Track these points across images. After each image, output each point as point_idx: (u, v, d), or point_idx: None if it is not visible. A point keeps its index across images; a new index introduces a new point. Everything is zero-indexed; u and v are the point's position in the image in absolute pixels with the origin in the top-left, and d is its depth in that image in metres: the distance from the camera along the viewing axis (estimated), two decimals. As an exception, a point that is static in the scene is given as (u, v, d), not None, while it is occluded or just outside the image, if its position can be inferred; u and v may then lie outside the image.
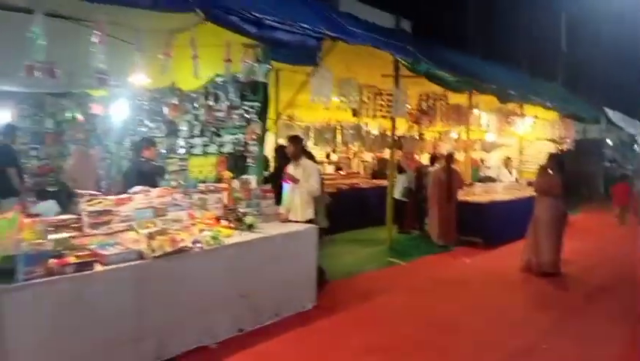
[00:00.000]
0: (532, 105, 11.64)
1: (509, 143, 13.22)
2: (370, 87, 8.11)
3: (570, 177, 15.85)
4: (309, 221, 5.85)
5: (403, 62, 6.81)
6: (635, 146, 23.57)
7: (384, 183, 10.25)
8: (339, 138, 10.39)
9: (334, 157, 14.38)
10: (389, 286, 6.59)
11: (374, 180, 12.10)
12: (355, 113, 9.95)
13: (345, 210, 10.14)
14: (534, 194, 7.66)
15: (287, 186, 6.01)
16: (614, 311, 5.79)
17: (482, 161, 15.70)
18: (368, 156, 14.44)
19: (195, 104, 7.13)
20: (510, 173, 12.79)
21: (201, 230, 4.77)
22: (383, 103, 8.24)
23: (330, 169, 14.62)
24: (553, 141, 13.72)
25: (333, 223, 9.73)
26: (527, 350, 4.68)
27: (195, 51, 4.84)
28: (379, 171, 12.76)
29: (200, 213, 5.38)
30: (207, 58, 5.68)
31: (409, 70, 6.95)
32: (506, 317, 5.61)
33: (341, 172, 12.68)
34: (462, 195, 9.73)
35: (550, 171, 7.23)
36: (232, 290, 4.68)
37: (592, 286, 6.73)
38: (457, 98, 9.90)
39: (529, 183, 8.38)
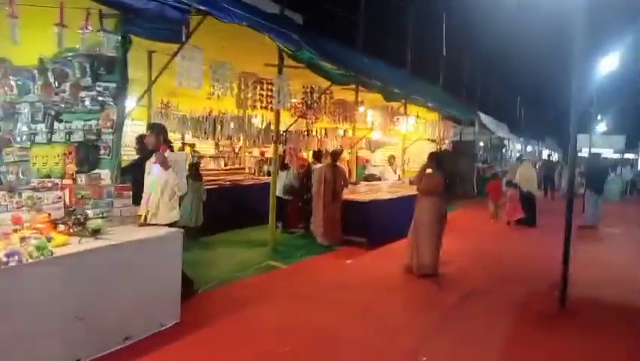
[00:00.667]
0: (415, 105, 11.84)
1: (393, 142, 13.38)
2: (250, 75, 7.42)
3: (448, 177, 16.79)
4: (174, 224, 5.04)
5: (285, 48, 6.26)
6: (505, 149, 25.68)
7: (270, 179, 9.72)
8: (220, 129, 9.51)
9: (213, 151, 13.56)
10: (266, 294, 6.01)
11: (261, 177, 11.48)
12: (240, 104, 9.28)
13: (226, 209, 9.46)
14: (416, 193, 7.58)
15: (150, 182, 5.12)
16: (490, 310, 5.79)
17: (367, 160, 15.87)
18: (257, 151, 13.79)
19: (39, 82, 5.92)
20: (394, 172, 12.95)
21: (24, 238, 3.78)
22: (264, 93, 7.61)
23: (214, 164, 13.75)
24: (433, 140, 14.19)
25: (212, 223, 9.02)
26: (407, 358, 4.39)
27: (12, 8, 3.79)
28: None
29: (30, 215, 4.37)
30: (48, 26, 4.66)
31: (292, 57, 6.40)
32: (386, 322, 5.33)
33: (225, 167, 11.88)
34: (347, 194, 9.50)
35: (431, 170, 7.16)
36: (65, 312, 3.76)
37: (469, 287, 6.74)
38: (343, 94, 9.63)
39: (411, 182, 8.32)
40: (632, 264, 8.72)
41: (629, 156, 35.29)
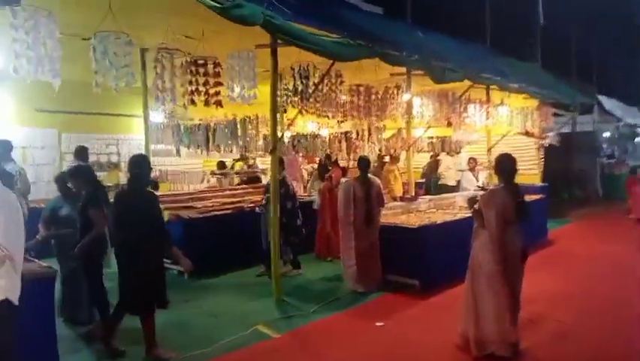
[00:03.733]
0: (498, 89, 8.84)
1: (472, 139, 10.37)
2: (172, 51, 5.17)
3: (558, 178, 13.16)
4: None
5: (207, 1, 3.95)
6: (638, 138, 20.68)
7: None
8: (213, 140, 7.45)
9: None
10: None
11: (308, 193, 9.17)
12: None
13: (242, 240, 7.39)
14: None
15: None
16: None
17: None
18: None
19: None
20: (476, 178, 9.99)
21: None
22: (210, 80, 5.28)
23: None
24: (531, 135, 10.89)
25: (217, 260, 7.08)
26: None
27: None
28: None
29: None
30: None
31: (226, 16, 4.06)
32: None
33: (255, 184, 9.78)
34: (391, 217, 6.96)
35: (495, 184, 4.40)
36: None
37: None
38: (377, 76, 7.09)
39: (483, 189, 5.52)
40: None
41: None
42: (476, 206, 4.45)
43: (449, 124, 9.14)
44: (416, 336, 4.92)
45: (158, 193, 8.64)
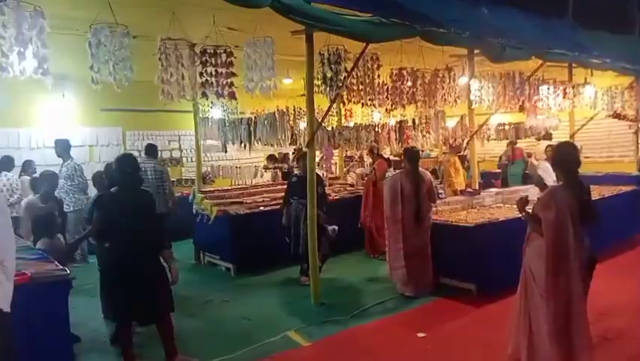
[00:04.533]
0: (578, 66, 7.74)
1: (552, 125, 9.21)
2: (179, 42, 4.79)
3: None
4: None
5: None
6: None
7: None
8: (253, 134, 7.13)
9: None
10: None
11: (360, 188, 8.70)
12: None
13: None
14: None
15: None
16: None
17: (529, 155, 11.68)
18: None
19: None
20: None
21: None
22: (222, 71, 4.91)
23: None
24: (623, 117, 9.50)
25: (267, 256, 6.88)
26: None
27: None
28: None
29: None
30: None
31: None
32: None
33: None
34: (449, 212, 6.31)
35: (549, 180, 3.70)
36: None
37: None
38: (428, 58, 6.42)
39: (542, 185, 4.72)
40: None
41: None
42: (528, 208, 3.75)
43: (521, 108, 8.20)
44: (459, 353, 4.31)
45: (209, 188, 8.71)
